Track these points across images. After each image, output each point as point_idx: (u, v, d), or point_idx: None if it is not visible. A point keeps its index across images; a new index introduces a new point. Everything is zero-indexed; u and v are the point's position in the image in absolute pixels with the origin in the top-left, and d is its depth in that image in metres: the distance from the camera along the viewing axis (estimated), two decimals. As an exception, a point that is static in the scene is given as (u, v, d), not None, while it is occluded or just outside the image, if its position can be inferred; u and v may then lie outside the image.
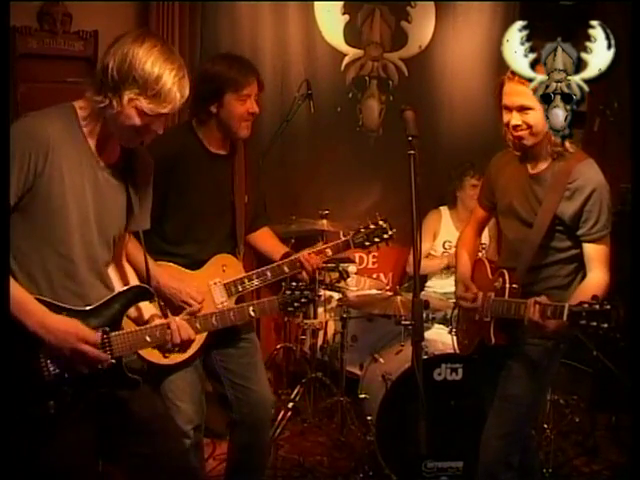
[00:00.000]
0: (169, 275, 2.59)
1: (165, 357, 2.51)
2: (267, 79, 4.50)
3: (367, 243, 2.98)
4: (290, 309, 2.59)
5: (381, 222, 2.99)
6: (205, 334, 2.64)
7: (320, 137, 4.72)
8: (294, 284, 2.60)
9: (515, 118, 2.47)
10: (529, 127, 2.46)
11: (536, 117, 2.42)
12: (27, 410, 1.91)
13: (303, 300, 2.58)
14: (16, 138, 1.87)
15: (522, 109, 2.44)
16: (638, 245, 2.38)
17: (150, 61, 1.90)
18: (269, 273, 2.78)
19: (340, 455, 3.85)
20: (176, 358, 2.59)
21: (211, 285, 2.70)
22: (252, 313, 2.52)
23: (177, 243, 2.70)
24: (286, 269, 2.80)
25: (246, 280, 2.75)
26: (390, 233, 3.00)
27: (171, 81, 1.92)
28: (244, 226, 2.84)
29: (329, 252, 2.92)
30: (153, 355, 2.48)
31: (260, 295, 3.11)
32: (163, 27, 4.21)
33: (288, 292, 2.57)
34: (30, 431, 1.92)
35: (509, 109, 2.48)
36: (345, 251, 2.99)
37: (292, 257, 2.83)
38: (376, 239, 2.98)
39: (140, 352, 2.47)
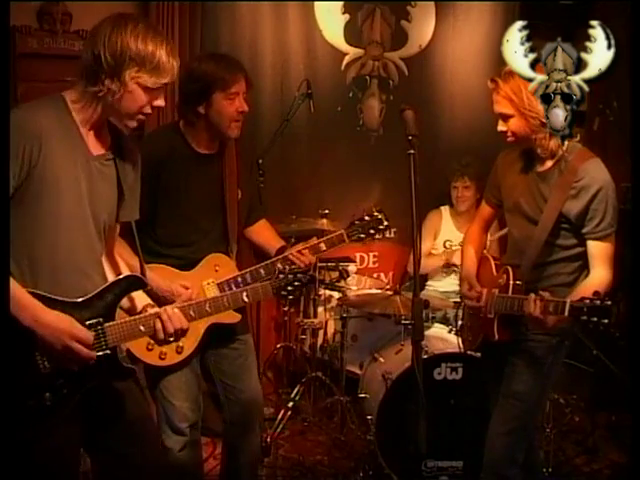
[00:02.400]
0: (161, 277, 2.57)
1: (161, 359, 2.51)
2: (267, 79, 4.54)
3: (362, 235, 2.90)
4: (283, 293, 2.55)
5: (376, 213, 2.92)
6: (201, 334, 2.64)
7: (320, 136, 4.72)
8: (287, 268, 2.58)
9: (500, 125, 2.55)
10: (513, 133, 2.52)
11: (515, 123, 2.49)
12: (23, 403, 1.92)
13: (296, 283, 2.54)
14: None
15: (503, 117, 2.51)
16: (638, 244, 2.39)
17: (140, 39, 1.94)
18: (262, 271, 2.74)
19: (340, 454, 3.85)
20: (172, 359, 2.59)
21: (204, 285, 2.68)
22: (245, 298, 2.48)
23: (169, 245, 2.69)
24: (279, 266, 2.74)
25: (239, 279, 2.72)
26: (386, 224, 2.92)
27: (165, 52, 1.97)
28: (237, 224, 2.82)
29: (323, 247, 2.86)
30: (149, 357, 2.48)
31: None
32: (163, 27, 4.19)
33: (281, 276, 2.54)
34: (26, 423, 1.92)
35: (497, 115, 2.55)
36: (340, 245, 2.90)
37: (285, 254, 2.80)
38: (371, 231, 2.91)
39: (136, 354, 2.48)
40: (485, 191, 2.96)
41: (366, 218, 2.92)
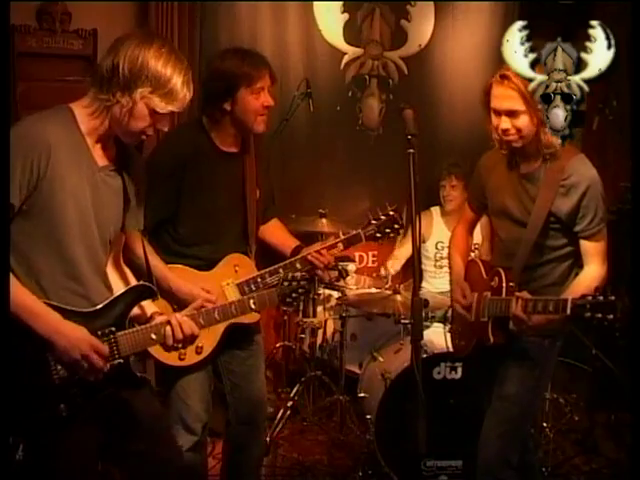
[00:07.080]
0: (181, 279, 2.55)
1: (181, 359, 2.51)
2: (267, 78, 4.53)
3: (378, 235, 2.88)
4: (289, 300, 2.56)
5: (392, 212, 2.90)
6: (221, 334, 2.63)
7: (320, 136, 4.72)
8: (291, 275, 2.58)
9: (504, 122, 2.46)
10: (518, 131, 2.45)
11: (525, 121, 2.43)
12: (39, 413, 1.93)
13: (301, 291, 2.55)
14: (17, 142, 1.88)
15: (511, 113, 2.44)
16: (638, 244, 2.38)
17: (161, 61, 1.96)
18: (282, 271, 2.72)
19: (339, 454, 3.85)
20: (191, 360, 2.59)
21: (224, 286, 2.66)
22: (252, 305, 2.49)
23: (190, 244, 2.67)
24: (299, 266, 2.75)
25: (259, 279, 2.70)
26: (401, 222, 2.91)
27: (181, 80, 1.99)
28: (256, 223, 2.81)
29: (341, 246, 2.84)
30: (169, 358, 2.48)
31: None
32: (162, 27, 4.20)
33: (286, 283, 2.54)
34: (42, 434, 1.94)
35: (498, 113, 2.48)
36: (356, 244, 2.90)
37: (304, 254, 2.79)
38: (387, 230, 2.89)
39: (155, 355, 2.47)
40: (468, 194, 2.93)
41: (382, 217, 2.90)
